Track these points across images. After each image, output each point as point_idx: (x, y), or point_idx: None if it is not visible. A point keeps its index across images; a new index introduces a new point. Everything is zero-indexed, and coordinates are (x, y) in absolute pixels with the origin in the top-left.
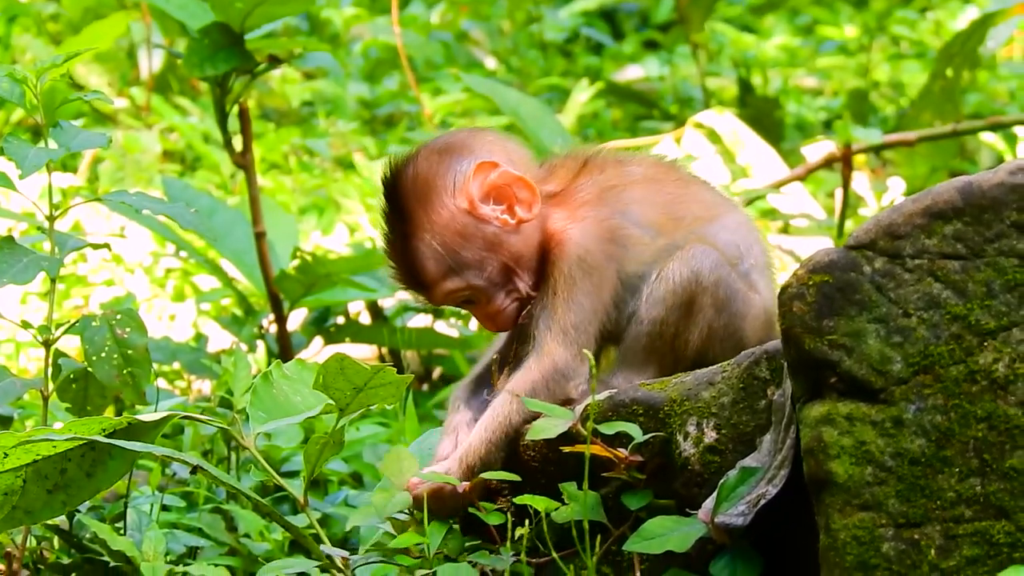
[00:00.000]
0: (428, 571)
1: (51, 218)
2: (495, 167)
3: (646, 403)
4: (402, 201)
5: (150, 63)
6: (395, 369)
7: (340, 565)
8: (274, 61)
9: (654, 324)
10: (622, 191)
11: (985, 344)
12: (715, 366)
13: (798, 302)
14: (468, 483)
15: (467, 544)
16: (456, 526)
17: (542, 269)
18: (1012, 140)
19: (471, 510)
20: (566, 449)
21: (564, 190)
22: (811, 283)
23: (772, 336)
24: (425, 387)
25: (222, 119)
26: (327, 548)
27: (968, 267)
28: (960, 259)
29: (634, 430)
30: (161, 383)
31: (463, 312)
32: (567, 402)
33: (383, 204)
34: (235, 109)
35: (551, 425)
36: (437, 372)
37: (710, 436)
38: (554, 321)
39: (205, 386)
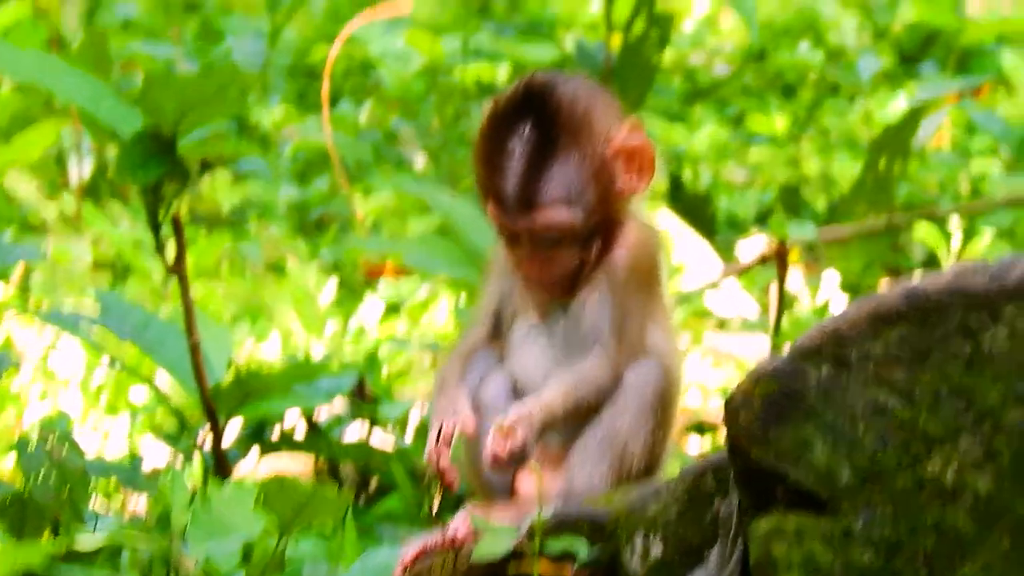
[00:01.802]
0: None
1: None
2: (643, 134)
3: (592, 518)
4: (552, 118)
5: (80, 169)
6: (335, 487)
7: None
8: (206, 166)
9: (610, 424)
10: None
11: (933, 452)
12: (661, 480)
13: (744, 412)
14: None
15: None
16: None
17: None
18: (946, 233)
19: None
20: (512, 569)
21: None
22: (756, 393)
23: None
24: (362, 500)
25: (154, 227)
26: None
27: (914, 373)
28: (906, 365)
29: (581, 546)
30: (96, 502)
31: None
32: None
33: (516, 112)
34: (167, 216)
35: (497, 544)
36: (374, 484)
37: (657, 550)
38: (613, 327)
39: (141, 502)
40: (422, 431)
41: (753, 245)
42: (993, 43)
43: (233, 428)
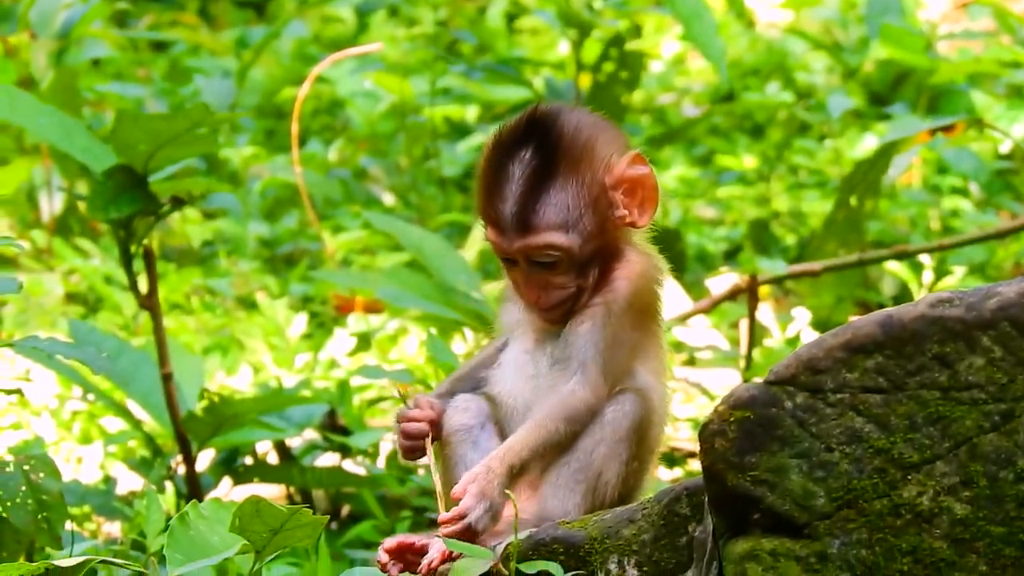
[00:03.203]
0: None
1: None
2: (646, 165)
3: (566, 542)
4: (553, 144)
5: (51, 206)
6: (310, 510)
7: None
8: (178, 202)
9: (585, 454)
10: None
11: (909, 477)
12: (635, 503)
13: (719, 438)
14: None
15: None
16: None
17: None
18: (917, 268)
19: None
20: None
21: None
22: (732, 419)
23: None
24: (334, 526)
25: (126, 261)
26: None
27: (890, 400)
28: (882, 392)
29: (555, 569)
30: (71, 526)
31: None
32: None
33: (518, 138)
34: (139, 251)
35: (473, 566)
36: (346, 510)
37: (632, 573)
38: (600, 353)
39: (115, 528)
40: (393, 460)
41: (722, 283)
42: (964, 83)
43: (205, 458)
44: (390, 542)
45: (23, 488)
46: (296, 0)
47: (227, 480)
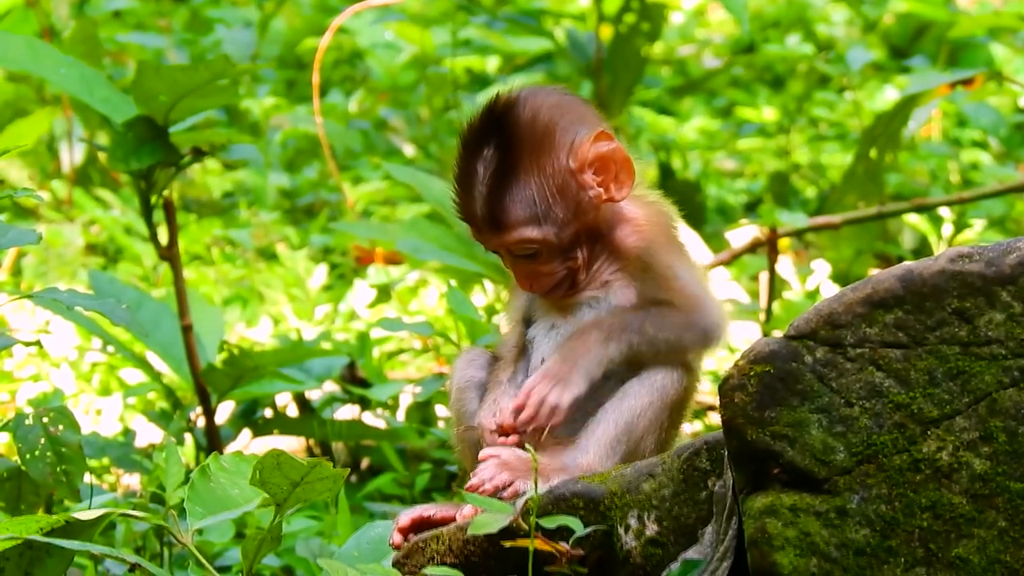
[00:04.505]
0: None
1: None
2: (612, 140)
3: (586, 496)
4: (512, 138)
5: (71, 156)
6: (330, 463)
7: None
8: (198, 154)
9: (633, 415)
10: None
11: (928, 433)
12: (655, 458)
13: (739, 393)
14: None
15: None
16: None
17: (600, 252)
18: (936, 221)
19: None
20: (508, 544)
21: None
22: (752, 374)
23: None
24: (354, 478)
25: (147, 212)
26: None
27: (910, 355)
28: (902, 347)
29: (575, 523)
30: (90, 479)
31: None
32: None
33: (480, 134)
34: (159, 201)
35: (493, 520)
36: (365, 463)
37: (651, 528)
38: (673, 291)
39: (134, 480)
40: (413, 412)
41: (741, 235)
42: (984, 36)
43: (225, 410)
44: (404, 519)
45: (42, 440)
46: None
47: (246, 432)
